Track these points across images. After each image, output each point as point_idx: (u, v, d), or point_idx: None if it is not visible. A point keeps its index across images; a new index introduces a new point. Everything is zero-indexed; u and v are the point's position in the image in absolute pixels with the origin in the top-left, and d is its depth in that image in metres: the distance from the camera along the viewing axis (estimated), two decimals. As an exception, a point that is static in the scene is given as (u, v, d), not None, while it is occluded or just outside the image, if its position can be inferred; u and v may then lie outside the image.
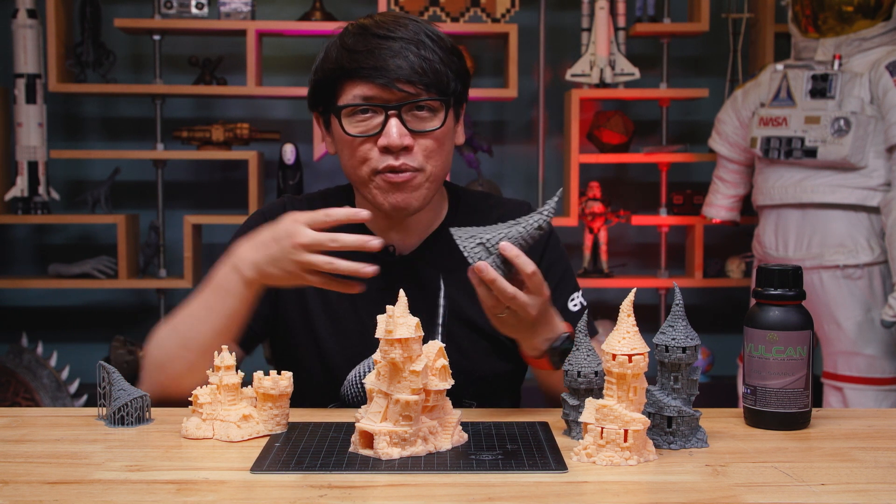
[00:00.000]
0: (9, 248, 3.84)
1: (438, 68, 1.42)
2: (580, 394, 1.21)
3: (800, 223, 2.93)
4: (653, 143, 3.77)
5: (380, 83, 1.40)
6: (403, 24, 1.43)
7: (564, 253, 1.62)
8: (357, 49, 1.41)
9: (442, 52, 1.43)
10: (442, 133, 1.45)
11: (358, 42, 1.42)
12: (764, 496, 0.99)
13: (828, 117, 2.82)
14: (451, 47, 1.46)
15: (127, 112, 3.80)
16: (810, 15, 2.95)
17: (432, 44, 1.43)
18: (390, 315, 1.11)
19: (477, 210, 1.59)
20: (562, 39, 3.81)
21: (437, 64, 1.42)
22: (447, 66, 1.43)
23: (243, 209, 3.59)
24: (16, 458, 1.12)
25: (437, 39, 1.44)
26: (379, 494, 1.00)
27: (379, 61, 1.39)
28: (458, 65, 1.47)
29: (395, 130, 1.40)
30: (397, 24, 1.43)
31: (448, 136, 1.48)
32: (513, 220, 1.31)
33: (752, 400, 1.26)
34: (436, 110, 1.44)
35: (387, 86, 1.39)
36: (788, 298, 1.25)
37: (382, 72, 1.39)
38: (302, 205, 1.58)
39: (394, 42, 1.40)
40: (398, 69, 1.39)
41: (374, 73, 1.39)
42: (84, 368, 3.59)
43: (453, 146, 1.52)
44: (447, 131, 1.47)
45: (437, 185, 1.49)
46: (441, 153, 1.46)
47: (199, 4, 3.48)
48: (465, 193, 1.63)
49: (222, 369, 1.23)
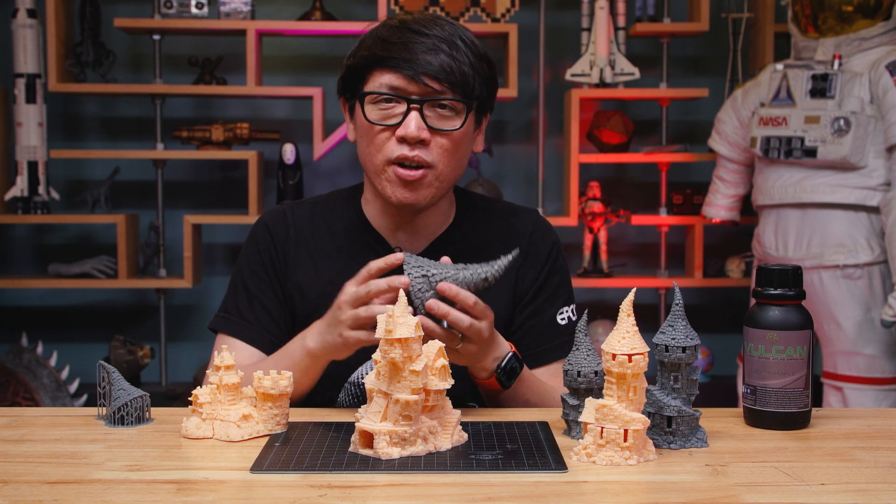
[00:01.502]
0: (9, 247, 3.84)
1: (466, 71, 1.44)
2: (580, 394, 1.21)
3: (800, 223, 2.93)
4: (653, 143, 3.77)
5: (407, 74, 1.42)
6: (440, 25, 1.46)
7: (564, 266, 1.62)
8: (391, 40, 1.44)
9: (473, 58, 1.46)
10: (460, 135, 1.46)
11: (393, 34, 1.45)
12: (764, 496, 0.99)
13: (828, 117, 2.82)
14: (484, 55, 1.49)
15: (127, 112, 3.80)
16: (810, 15, 2.95)
17: (465, 47, 1.45)
18: (390, 315, 1.11)
19: (485, 213, 1.60)
20: (562, 39, 3.81)
21: (466, 66, 1.44)
22: (476, 71, 1.46)
23: (243, 209, 3.59)
24: (16, 458, 1.12)
25: (471, 44, 1.47)
26: (379, 494, 1.00)
27: (410, 53, 1.42)
28: (486, 72, 1.48)
29: (413, 122, 1.42)
30: (434, 24, 1.46)
31: (465, 140, 1.49)
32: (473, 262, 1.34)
33: (752, 400, 1.26)
34: (458, 111, 1.45)
35: (413, 78, 1.42)
36: (788, 298, 1.25)
37: (411, 64, 1.42)
38: (302, 209, 1.60)
39: (427, 38, 1.43)
40: (427, 64, 1.42)
41: (403, 64, 1.42)
42: (84, 368, 3.59)
43: (469, 152, 1.53)
44: (465, 134, 1.48)
45: (447, 186, 1.50)
46: (455, 155, 1.47)
47: (199, 4, 3.48)
48: (476, 198, 1.63)
49: (222, 369, 1.23)
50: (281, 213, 1.60)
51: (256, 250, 1.58)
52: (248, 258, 1.59)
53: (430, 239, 1.56)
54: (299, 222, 1.59)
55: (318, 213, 1.61)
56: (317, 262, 1.56)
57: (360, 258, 1.51)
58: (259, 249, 1.58)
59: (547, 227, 1.62)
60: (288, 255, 1.57)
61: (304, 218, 1.60)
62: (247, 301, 1.56)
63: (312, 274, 1.55)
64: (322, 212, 1.61)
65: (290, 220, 1.59)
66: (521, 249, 1.56)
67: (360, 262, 1.50)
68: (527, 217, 1.61)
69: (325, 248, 1.57)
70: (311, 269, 1.56)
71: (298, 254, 1.56)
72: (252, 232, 1.61)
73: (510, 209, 1.63)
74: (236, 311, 1.56)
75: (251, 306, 1.55)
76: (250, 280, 1.57)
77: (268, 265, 1.57)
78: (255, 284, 1.56)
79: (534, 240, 1.59)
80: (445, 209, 1.57)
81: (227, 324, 1.56)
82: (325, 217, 1.60)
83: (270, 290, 1.56)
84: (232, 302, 1.58)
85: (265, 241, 1.58)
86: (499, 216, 1.61)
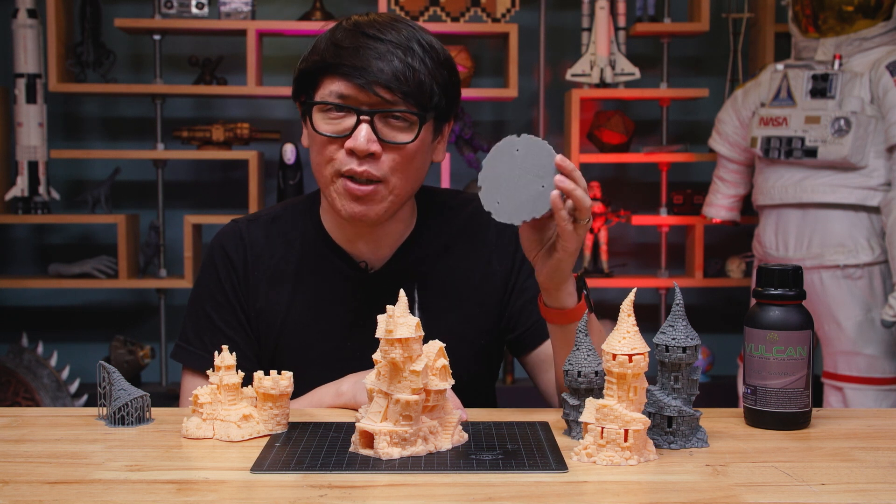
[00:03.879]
0: (9, 247, 3.84)
1: (422, 79, 1.35)
2: (580, 394, 1.21)
3: (800, 223, 2.93)
4: (653, 143, 3.77)
5: (357, 83, 1.34)
6: (396, 28, 1.37)
7: None
8: (343, 45, 1.36)
9: (431, 64, 1.37)
10: (413, 147, 1.38)
11: (346, 38, 1.37)
12: (764, 496, 0.99)
13: (828, 117, 2.82)
14: (444, 60, 1.40)
15: (127, 112, 3.80)
16: (810, 15, 2.95)
17: (422, 53, 1.37)
18: (390, 315, 1.10)
19: (445, 210, 1.55)
20: (562, 39, 3.81)
21: (422, 74, 1.36)
22: (433, 79, 1.37)
23: (243, 209, 3.59)
24: (16, 458, 1.12)
25: (429, 49, 1.38)
26: (379, 494, 1.00)
27: (361, 61, 1.34)
28: (446, 79, 1.40)
29: (362, 135, 1.35)
30: (390, 27, 1.37)
31: (421, 152, 1.40)
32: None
33: (752, 400, 1.26)
34: (411, 122, 1.37)
35: (364, 87, 1.34)
36: (789, 298, 1.25)
37: (362, 72, 1.34)
38: (258, 226, 1.52)
39: (381, 44, 1.35)
40: (379, 72, 1.33)
41: (354, 72, 1.34)
42: (84, 368, 3.59)
43: (427, 163, 1.45)
44: (420, 147, 1.39)
45: (402, 200, 1.43)
46: (409, 168, 1.40)
47: (200, 4, 3.48)
48: (434, 195, 1.57)
49: (222, 369, 1.23)
50: (236, 234, 1.52)
51: (216, 276, 1.50)
52: (208, 285, 1.51)
53: (393, 248, 1.50)
54: (256, 242, 1.51)
55: (274, 230, 1.53)
56: (277, 284, 1.50)
57: (322, 274, 1.49)
58: (219, 276, 1.50)
59: None
60: (248, 277, 1.50)
61: (261, 236, 1.52)
62: (209, 331, 1.49)
63: (275, 297, 1.49)
64: (279, 227, 1.53)
65: (247, 241, 1.51)
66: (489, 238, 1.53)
67: (322, 279, 1.48)
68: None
69: (284, 269, 1.50)
70: (273, 293, 1.49)
71: (257, 277, 1.50)
72: (208, 256, 1.53)
73: (465, 200, 1.57)
74: (199, 342, 1.49)
75: (214, 337, 1.48)
76: (213, 310, 1.50)
77: (228, 292, 1.49)
78: (218, 314, 1.49)
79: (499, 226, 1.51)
80: (406, 217, 1.50)
81: (191, 357, 1.50)
82: (282, 233, 1.52)
83: (234, 319, 1.49)
84: (193, 331, 1.51)
85: (223, 264, 1.50)
86: (457, 211, 1.55)
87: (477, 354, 1.53)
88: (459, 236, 1.53)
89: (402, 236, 1.51)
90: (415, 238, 1.52)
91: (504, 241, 1.54)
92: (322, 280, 1.49)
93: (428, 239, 1.52)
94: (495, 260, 1.53)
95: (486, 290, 1.53)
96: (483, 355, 1.55)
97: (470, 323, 1.52)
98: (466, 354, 1.49)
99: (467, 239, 1.53)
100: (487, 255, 1.53)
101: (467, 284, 1.52)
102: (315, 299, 1.49)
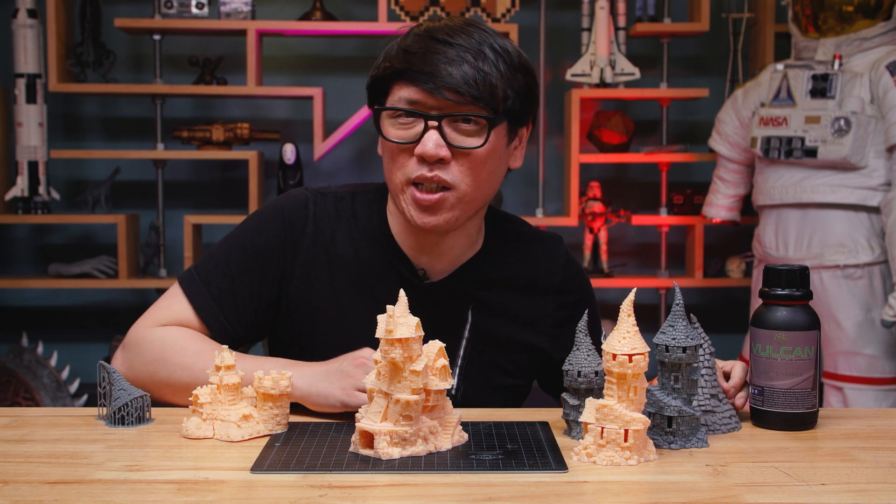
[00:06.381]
0: (9, 248, 3.84)
1: (494, 82, 1.32)
2: (580, 394, 1.21)
3: (800, 223, 2.93)
4: (653, 143, 3.77)
5: (426, 88, 1.32)
6: (468, 32, 1.34)
7: (595, 301, 1.58)
8: (413, 50, 1.34)
9: (504, 68, 1.34)
10: (484, 152, 1.35)
11: (416, 43, 1.35)
12: (764, 496, 0.99)
13: (828, 117, 2.82)
14: (519, 64, 1.37)
15: (127, 112, 3.80)
16: (810, 15, 2.95)
17: (494, 57, 1.33)
18: (390, 315, 1.10)
19: (513, 238, 1.53)
20: (562, 39, 3.81)
21: (493, 78, 1.32)
22: (506, 83, 1.34)
23: (243, 209, 3.59)
24: (16, 458, 1.12)
25: (503, 53, 1.34)
26: (379, 494, 1.00)
27: (430, 66, 1.32)
28: (522, 83, 1.37)
29: (431, 140, 1.32)
30: (461, 31, 1.34)
31: (492, 158, 1.37)
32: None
33: (759, 400, 1.26)
34: (482, 127, 1.34)
35: (432, 92, 1.31)
36: (796, 298, 1.25)
37: (430, 77, 1.31)
38: (326, 201, 1.48)
39: (451, 48, 1.32)
40: (448, 76, 1.31)
41: (422, 77, 1.32)
42: (84, 368, 3.59)
43: (502, 170, 1.41)
44: (491, 151, 1.36)
45: (474, 208, 1.40)
46: (480, 174, 1.36)
47: (199, 4, 3.48)
48: (506, 220, 1.55)
49: (223, 369, 1.23)
50: (302, 203, 1.47)
51: (262, 238, 1.45)
52: (250, 241, 1.46)
53: (455, 264, 1.47)
54: (321, 217, 1.47)
55: (342, 210, 1.48)
56: (333, 269, 1.45)
57: (381, 274, 1.46)
58: (266, 241, 1.45)
59: (575, 265, 1.56)
60: (298, 253, 1.45)
61: (327, 213, 1.47)
62: (224, 278, 1.44)
63: (327, 280, 1.45)
64: (346, 210, 1.49)
65: (311, 212, 1.47)
66: (552, 287, 1.52)
67: (381, 280, 1.44)
68: (554, 249, 1.55)
69: (344, 255, 1.46)
70: (326, 275, 1.45)
71: (315, 255, 1.45)
72: (265, 213, 1.48)
73: (536, 237, 1.55)
74: (206, 279, 1.45)
75: (226, 285, 1.44)
76: (238, 263, 1.45)
77: (264, 261, 1.45)
78: (240, 272, 1.45)
79: (565, 276, 1.53)
80: (473, 234, 1.47)
81: (193, 287, 1.45)
82: (348, 217, 1.48)
83: (254, 286, 1.44)
84: (209, 267, 1.46)
85: (275, 235, 1.45)
86: (528, 244, 1.53)
87: (508, 389, 1.53)
88: (523, 271, 1.51)
89: (464, 253, 1.48)
90: (479, 259, 1.49)
91: (563, 296, 1.53)
92: (377, 278, 1.45)
93: (492, 264, 1.50)
94: (552, 308, 1.52)
95: (535, 335, 1.52)
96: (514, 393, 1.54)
97: (513, 362, 1.51)
98: (501, 387, 1.50)
99: (531, 277, 1.51)
100: (545, 303, 1.52)
101: (520, 322, 1.51)
102: (366, 295, 1.45)
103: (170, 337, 1.42)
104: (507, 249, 1.51)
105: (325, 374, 1.30)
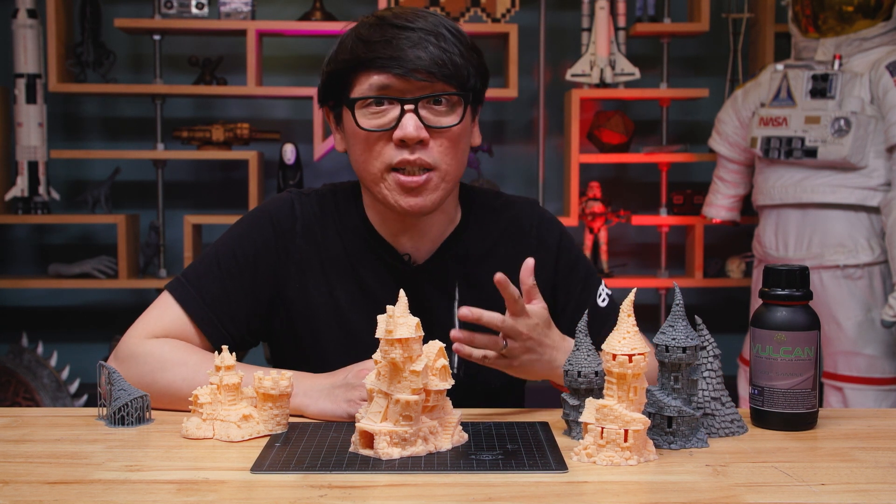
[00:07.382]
0: (9, 248, 3.84)
1: (458, 61, 1.37)
2: (580, 394, 1.21)
3: (800, 223, 2.93)
4: (653, 143, 3.77)
5: (397, 73, 1.34)
6: (423, 16, 1.39)
7: (578, 250, 1.57)
8: (373, 39, 1.36)
9: (462, 47, 1.38)
10: (459, 130, 1.39)
11: (374, 32, 1.37)
12: (764, 496, 0.99)
13: (828, 117, 2.82)
14: (471, 44, 1.42)
15: (127, 112, 3.80)
16: (810, 15, 2.95)
17: (452, 37, 1.38)
18: (390, 315, 1.10)
19: (489, 211, 1.54)
20: (562, 39, 3.81)
21: (457, 57, 1.37)
22: (467, 62, 1.39)
23: (243, 209, 3.59)
24: (16, 458, 1.12)
25: (457, 34, 1.39)
26: (379, 494, 1.00)
27: (396, 51, 1.34)
28: (477, 61, 1.42)
29: (411, 123, 1.35)
30: (416, 16, 1.38)
31: (464, 135, 1.42)
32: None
33: (759, 401, 1.26)
34: (454, 105, 1.39)
35: (404, 76, 1.34)
36: (796, 299, 1.25)
37: (400, 61, 1.34)
38: (310, 201, 1.51)
39: (412, 32, 1.35)
40: (417, 59, 1.34)
41: (391, 63, 1.34)
42: (84, 368, 3.59)
43: (469, 147, 1.46)
44: (464, 129, 1.41)
45: (453, 185, 1.43)
46: (457, 151, 1.40)
47: (199, 4, 3.48)
48: (477, 194, 1.57)
49: (222, 369, 1.23)
50: (288, 204, 1.49)
51: (251, 243, 1.46)
52: (239, 246, 1.46)
53: (436, 243, 1.49)
54: (308, 215, 1.49)
55: (326, 208, 1.51)
56: (325, 265, 1.47)
57: (366, 263, 1.48)
58: (255, 245, 1.46)
59: (549, 219, 1.57)
60: (291, 252, 1.47)
61: (313, 212, 1.50)
62: (215, 284, 1.44)
63: (321, 277, 1.47)
64: (329, 207, 1.51)
65: (298, 212, 1.49)
66: (530, 247, 1.52)
67: (370, 271, 1.47)
68: (529, 210, 1.56)
69: (333, 250, 1.48)
70: (320, 272, 1.47)
71: (308, 253, 1.47)
72: (252, 218, 1.49)
73: (508, 202, 1.57)
74: (198, 285, 1.44)
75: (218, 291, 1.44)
76: (229, 268, 1.45)
77: (255, 265, 1.46)
78: (231, 277, 1.45)
79: (541, 234, 1.53)
80: (451, 210, 1.50)
81: (184, 294, 1.44)
82: (332, 213, 1.50)
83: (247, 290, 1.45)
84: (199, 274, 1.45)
85: (265, 239, 1.47)
86: (500, 213, 1.55)
87: None
88: (502, 240, 1.52)
89: (445, 230, 1.50)
90: (458, 235, 1.51)
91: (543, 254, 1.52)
92: (367, 269, 1.47)
93: (471, 238, 1.51)
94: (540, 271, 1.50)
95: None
96: None
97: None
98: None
99: (510, 244, 1.52)
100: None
101: None
102: (358, 288, 1.47)
103: (166, 347, 1.41)
104: (484, 221, 1.53)
105: (329, 389, 1.30)
